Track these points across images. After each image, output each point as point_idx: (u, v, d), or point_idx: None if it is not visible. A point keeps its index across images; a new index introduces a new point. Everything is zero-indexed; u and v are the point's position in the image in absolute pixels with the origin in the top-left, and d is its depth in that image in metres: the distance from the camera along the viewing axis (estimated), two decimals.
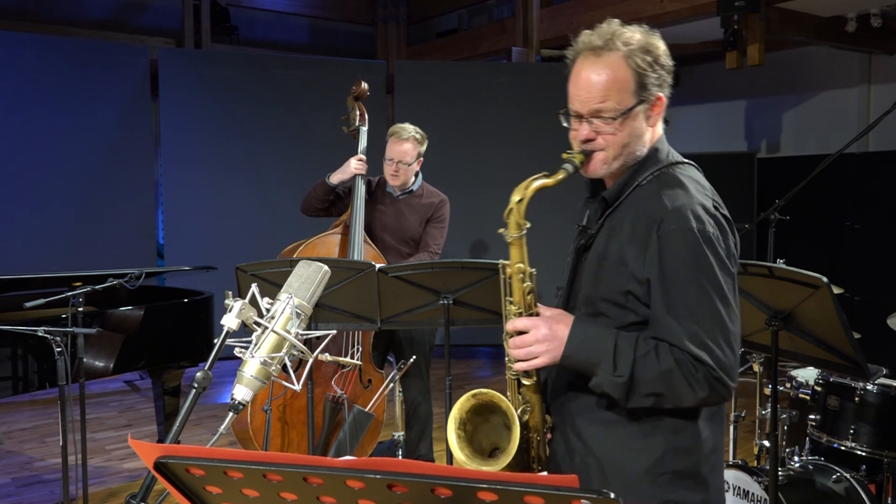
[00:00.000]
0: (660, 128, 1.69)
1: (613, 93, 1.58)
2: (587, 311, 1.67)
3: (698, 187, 1.64)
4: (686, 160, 1.71)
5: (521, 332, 1.62)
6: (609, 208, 1.67)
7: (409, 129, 3.79)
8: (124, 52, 6.72)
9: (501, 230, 1.62)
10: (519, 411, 1.66)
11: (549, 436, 1.75)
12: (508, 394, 1.69)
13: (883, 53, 6.80)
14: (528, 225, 1.61)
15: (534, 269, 1.65)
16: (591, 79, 1.59)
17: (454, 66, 7.49)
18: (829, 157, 3.48)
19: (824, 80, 7.31)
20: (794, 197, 3.58)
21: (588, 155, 1.63)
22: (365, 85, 3.98)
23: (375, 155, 3.89)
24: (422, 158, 3.84)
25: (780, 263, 2.49)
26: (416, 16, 8.85)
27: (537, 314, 1.65)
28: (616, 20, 1.66)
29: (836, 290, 2.34)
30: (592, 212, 1.73)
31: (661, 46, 1.64)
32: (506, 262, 1.66)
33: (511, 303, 1.66)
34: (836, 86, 7.24)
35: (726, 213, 1.63)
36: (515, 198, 1.59)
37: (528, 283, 1.64)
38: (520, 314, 1.64)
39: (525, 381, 1.67)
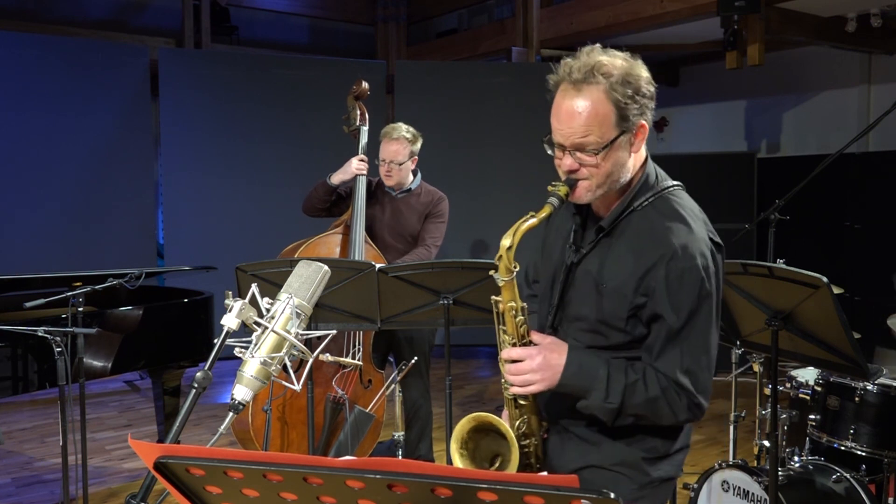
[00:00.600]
0: (643, 150, 1.74)
1: (595, 127, 1.60)
2: (581, 327, 1.76)
3: (695, 217, 1.69)
4: (674, 182, 1.76)
5: (515, 361, 1.70)
6: (602, 231, 1.73)
7: (400, 128, 3.79)
8: (124, 52, 6.72)
9: (492, 272, 1.69)
10: (517, 423, 1.77)
11: (545, 435, 1.84)
12: (506, 408, 1.80)
13: (883, 53, 6.80)
14: (518, 268, 1.68)
15: (524, 304, 1.72)
16: (573, 113, 1.61)
17: (454, 66, 7.49)
18: (829, 157, 3.49)
19: (824, 80, 7.31)
20: (794, 197, 3.58)
21: (573, 185, 1.67)
22: (365, 84, 3.98)
23: (375, 155, 3.89)
24: (416, 157, 3.84)
25: (780, 263, 2.49)
26: (416, 16, 8.85)
27: (530, 342, 1.73)
28: (598, 46, 1.67)
29: (836, 291, 2.34)
30: (579, 229, 1.79)
31: (643, 75, 1.65)
32: (497, 298, 1.73)
33: (504, 332, 1.74)
34: (836, 86, 7.24)
35: (718, 239, 1.71)
36: (505, 243, 1.64)
37: (521, 318, 1.72)
38: (514, 344, 1.72)
39: (521, 402, 1.77)
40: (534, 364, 1.67)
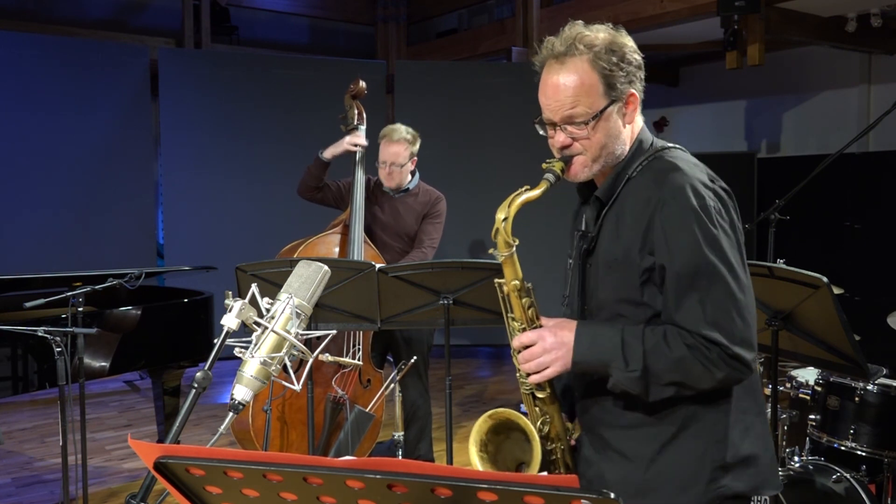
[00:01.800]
0: (639, 121, 1.68)
1: (582, 97, 1.58)
2: (604, 316, 1.65)
3: (691, 165, 1.62)
4: (674, 145, 1.69)
5: (527, 346, 1.61)
6: (604, 207, 1.66)
7: (399, 129, 3.78)
8: (124, 52, 6.72)
9: (492, 250, 1.62)
10: (539, 423, 1.66)
11: (572, 441, 1.74)
12: (525, 408, 1.70)
13: (883, 53, 6.80)
14: (517, 242, 1.60)
15: (530, 283, 1.64)
16: (559, 86, 1.60)
17: (454, 66, 7.49)
18: (829, 157, 3.48)
19: (824, 80, 7.31)
20: (794, 197, 3.58)
21: (567, 161, 1.63)
22: (363, 84, 3.97)
23: (373, 157, 3.88)
24: (415, 158, 3.84)
25: (780, 263, 2.49)
26: (416, 16, 8.85)
27: (540, 326, 1.64)
28: (580, 22, 1.66)
29: (836, 291, 2.33)
30: (589, 216, 1.71)
31: (627, 43, 1.62)
32: (501, 280, 1.65)
33: (513, 319, 1.65)
34: (836, 86, 7.24)
35: (724, 185, 1.62)
36: (500, 216, 1.58)
37: (527, 298, 1.64)
38: (523, 329, 1.63)
39: (539, 395, 1.67)
40: (546, 344, 1.58)
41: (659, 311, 1.58)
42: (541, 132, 1.68)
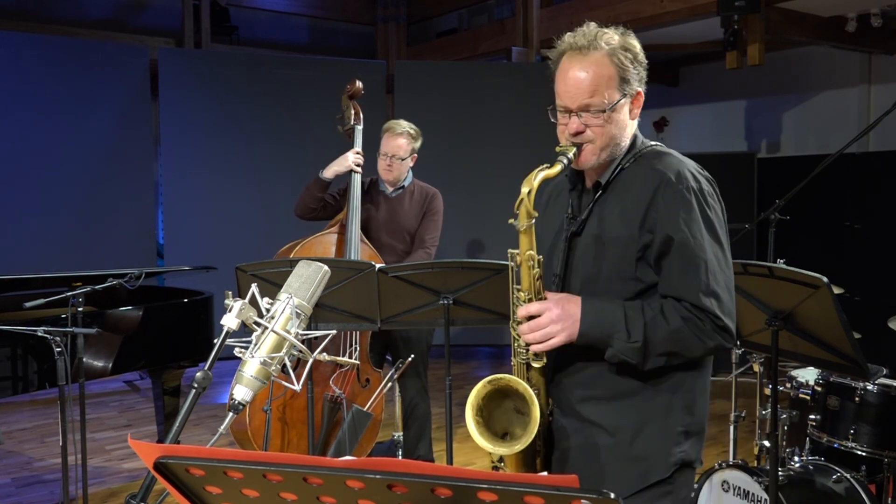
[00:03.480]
0: (635, 122, 1.82)
1: (601, 88, 1.70)
2: (591, 289, 1.75)
3: (681, 156, 1.79)
4: (656, 142, 1.85)
5: (532, 317, 1.70)
6: (597, 192, 1.79)
7: (403, 124, 3.80)
8: (124, 52, 6.72)
9: (512, 220, 1.69)
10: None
11: (550, 417, 1.84)
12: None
13: (883, 53, 6.80)
14: (537, 214, 1.69)
15: (540, 256, 1.72)
16: (580, 76, 1.71)
17: (454, 66, 7.49)
18: (829, 157, 3.48)
19: (824, 80, 7.31)
20: (794, 197, 3.58)
21: (578, 147, 1.73)
22: (359, 84, 3.98)
23: (371, 155, 3.88)
24: (416, 155, 3.84)
25: (781, 263, 2.49)
26: (416, 16, 8.85)
27: (545, 299, 1.72)
28: (593, 23, 1.78)
29: (836, 290, 2.34)
30: (576, 200, 1.86)
31: (637, 45, 1.76)
32: (514, 251, 1.73)
33: (519, 290, 1.74)
34: (836, 86, 7.24)
35: (708, 175, 1.78)
36: (525, 189, 1.66)
37: (537, 270, 1.72)
38: (529, 300, 1.72)
39: (535, 364, 1.75)
40: (553, 315, 1.67)
41: (647, 286, 1.72)
42: (552, 119, 1.78)
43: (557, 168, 1.70)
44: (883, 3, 5.92)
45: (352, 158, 3.79)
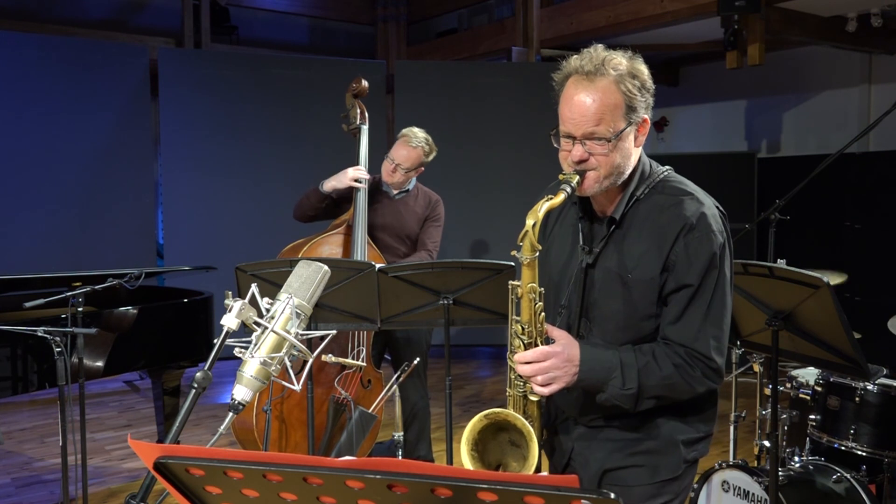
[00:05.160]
0: (640, 148, 1.79)
1: (607, 116, 1.66)
2: (611, 327, 1.76)
3: (699, 191, 1.77)
4: (665, 168, 1.82)
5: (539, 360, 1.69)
6: (613, 225, 1.76)
7: (420, 136, 3.72)
8: (124, 52, 6.71)
9: (514, 252, 1.68)
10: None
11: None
12: (511, 409, 1.75)
13: (883, 53, 6.80)
14: (541, 248, 1.68)
15: (542, 289, 1.70)
16: (585, 102, 1.66)
17: (454, 66, 7.49)
18: (830, 157, 3.48)
19: (824, 80, 7.31)
20: (795, 197, 3.58)
21: (581, 174, 1.70)
22: (365, 83, 3.93)
23: (375, 156, 3.87)
24: (423, 168, 3.81)
25: (781, 263, 2.49)
26: (416, 16, 8.85)
27: (545, 333, 1.72)
28: (601, 46, 1.73)
29: (837, 280, 2.34)
30: (588, 231, 1.82)
31: (645, 71, 1.72)
32: (516, 282, 1.70)
33: (518, 322, 1.71)
34: (836, 86, 7.24)
35: (721, 208, 1.79)
36: (530, 222, 1.64)
37: (540, 304, 1.70)
38: (531, 333, 1.70)
39: (532, 398, 1.75)
40: (559, 361, 1.67)
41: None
42: (555, 144, 1.75)
43: (561, 197, 1.67)
44: (883, 3, 5.92)
45: (351, 174, 3.69)
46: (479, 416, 1.70)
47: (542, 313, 1.70)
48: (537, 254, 1.66)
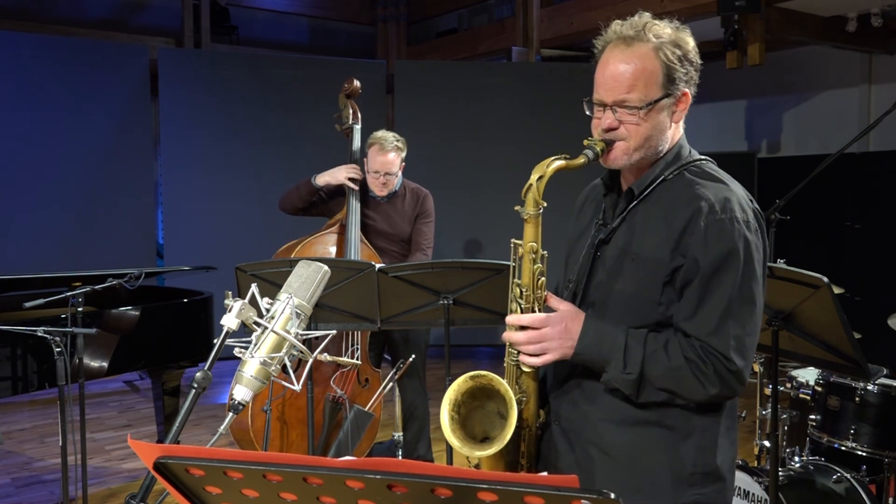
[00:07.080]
0: (681, 127, 1.68)
1: (641, 83, 1.57)
2: (612, 306, 1.62)
3: (733, 180, 1.63)
4: (705, 157, 1.70)
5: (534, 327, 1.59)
6: (633, 201, 1.64)
7: (389, 138, 3.71)
8: (124, 52, 6.71)
9: (518, 207, 1.58)
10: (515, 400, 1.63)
11: (539, 432, 1.73)
12: (506, 381, 1.66)
13: (883, 53, 6.80)
14: (545, 204, 1.57)
15: (545, 252, 1.61)
16: (620, 68, 1.58)
17: (454, 66, 7.49)
18: (830, 157, 3.48)
19: (824, 80, 7.31)
20: (795, 197, 3.58)
21: (609, 144, 1.60)
22: (357, 83, 3.94)
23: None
24: (404, 163, 3.82)
25: (781, 263, 2.48)
26: (416, 16, 8.85)
27: (545, 298, 1.62)
28: (647, 13, 1.65)
29: (836, 290, 2.33)
30: (609, 206, 1.71)
31: (690, 42, 1.64)
32: (518, 241, 1.61)
33: (517, 284, 1.62)
34: (836, 86, 7.24)
35: (758, 207, 1.63)
36: (535, 175, 1.56)
37: (539, 266, 1.60)
38: (528, 297, 1.60)
39: (525, 369, 1.65)
40: (554, 331, 1.57)
41: (669, 315, 1.58)
42: (587, 112, 1.65)
43: (580, 161, 1.56)
44: (883, 3, 5.92)
45: (345, 174, 3.72)
46: (464, 377, 1.62)
47: (543, 277, 1.60)
48: (541, 210, 1.56)
